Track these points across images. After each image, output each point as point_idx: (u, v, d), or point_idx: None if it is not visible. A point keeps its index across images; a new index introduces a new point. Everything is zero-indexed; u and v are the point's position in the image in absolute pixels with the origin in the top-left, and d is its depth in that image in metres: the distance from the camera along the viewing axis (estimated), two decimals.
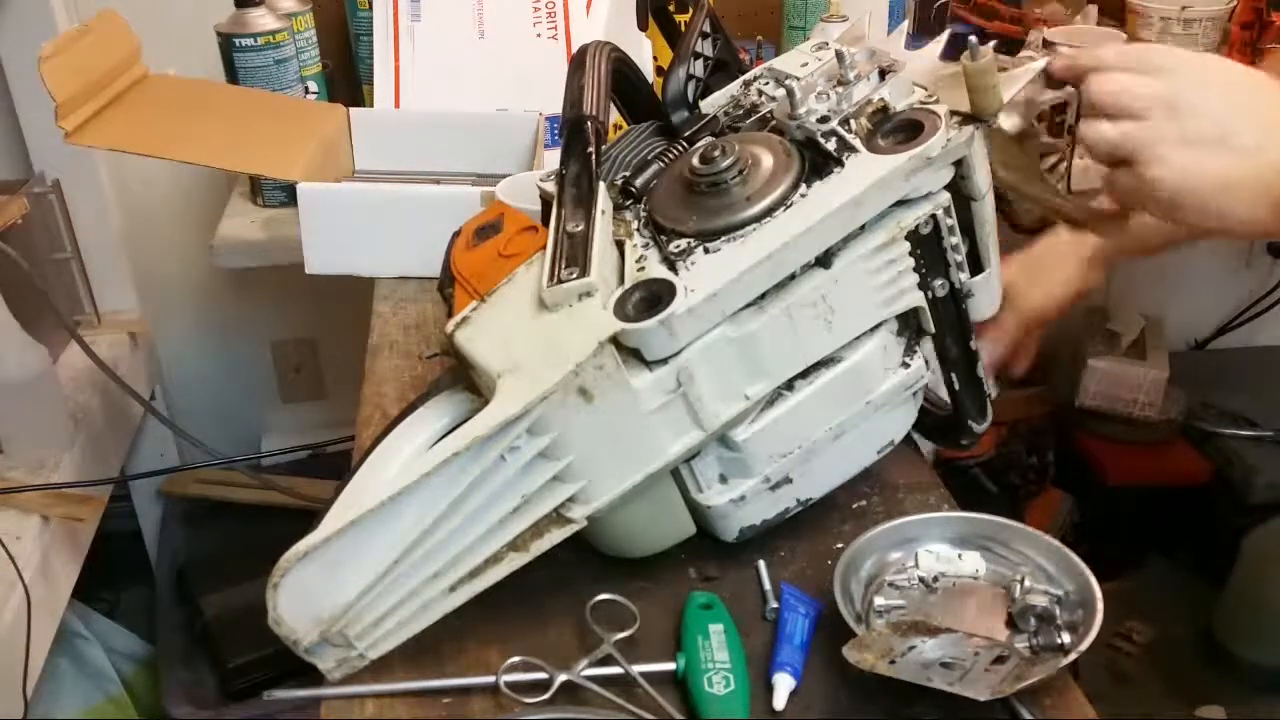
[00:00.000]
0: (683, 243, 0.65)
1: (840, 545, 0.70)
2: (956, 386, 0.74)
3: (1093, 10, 1.58)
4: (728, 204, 0.66)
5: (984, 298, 0.72)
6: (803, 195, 0.65)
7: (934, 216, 0.66)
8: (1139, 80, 0.63)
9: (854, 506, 0.77)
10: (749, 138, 0.71)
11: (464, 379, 0.69)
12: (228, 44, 1.33)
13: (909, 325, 0.71)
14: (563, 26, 1.37)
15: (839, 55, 0.68)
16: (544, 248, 0.68)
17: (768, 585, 0.70)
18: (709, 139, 0.72)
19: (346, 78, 1.58)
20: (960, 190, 0.68)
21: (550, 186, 0.73)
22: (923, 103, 0.67)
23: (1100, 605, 0.64)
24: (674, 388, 0.63)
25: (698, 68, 0.82)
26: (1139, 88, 0.63)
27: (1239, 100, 0.63)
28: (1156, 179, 0.62)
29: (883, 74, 0.68)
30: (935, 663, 0.61)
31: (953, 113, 0.66)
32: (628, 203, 0.72)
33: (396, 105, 1.37)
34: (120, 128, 1.11)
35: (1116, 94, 0.64)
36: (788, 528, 0.73)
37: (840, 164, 0.66)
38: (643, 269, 0.65)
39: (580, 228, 0.67)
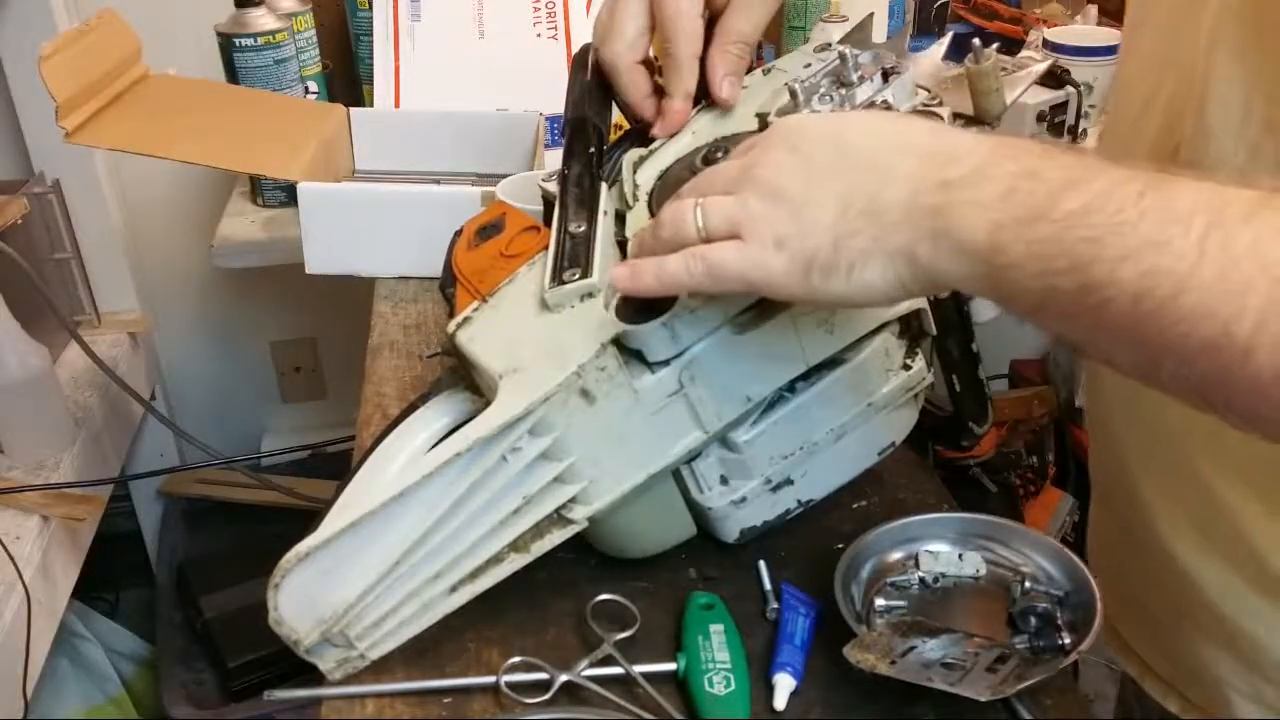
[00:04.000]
0: None
1: (841, 545, 0.70)
2: (958, 388, 0.74)
3: (1093, 10, 1.59)
4: None
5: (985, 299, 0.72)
6: None
7: None
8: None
9: (855, 506, 0.77)
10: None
11: (465, 379, 0.69)
12: (228, 44, 1.33)
13: (910, 327, 0.71)
14: (563, 26, 1.37)
15: (842, 57, 0.67)
16: (546, 248, 0.68)
17: (768, 585, 0.70)
18: (713, 141, 0.72)
19: (346, 78, 1.58)
20: None
21: (552, 187, 0.73)
22: (926, 105, 0.67)
23: (1100, 605, 0.64)
24: (676, 389, 0.63)
25: None
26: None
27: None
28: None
29: (886, 76, 0.68)
30: (935, 663, 0.61)
31: (955, 115, 0.66)
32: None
33: (396, 105, 1.37)
34: (120, 128, 1.11)
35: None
36: (789, 528, 0.73)
37: None
38: None
39: (582, 228, 0.67)
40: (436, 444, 0.65)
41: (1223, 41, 0.56)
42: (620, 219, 0.69)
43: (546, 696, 0.62)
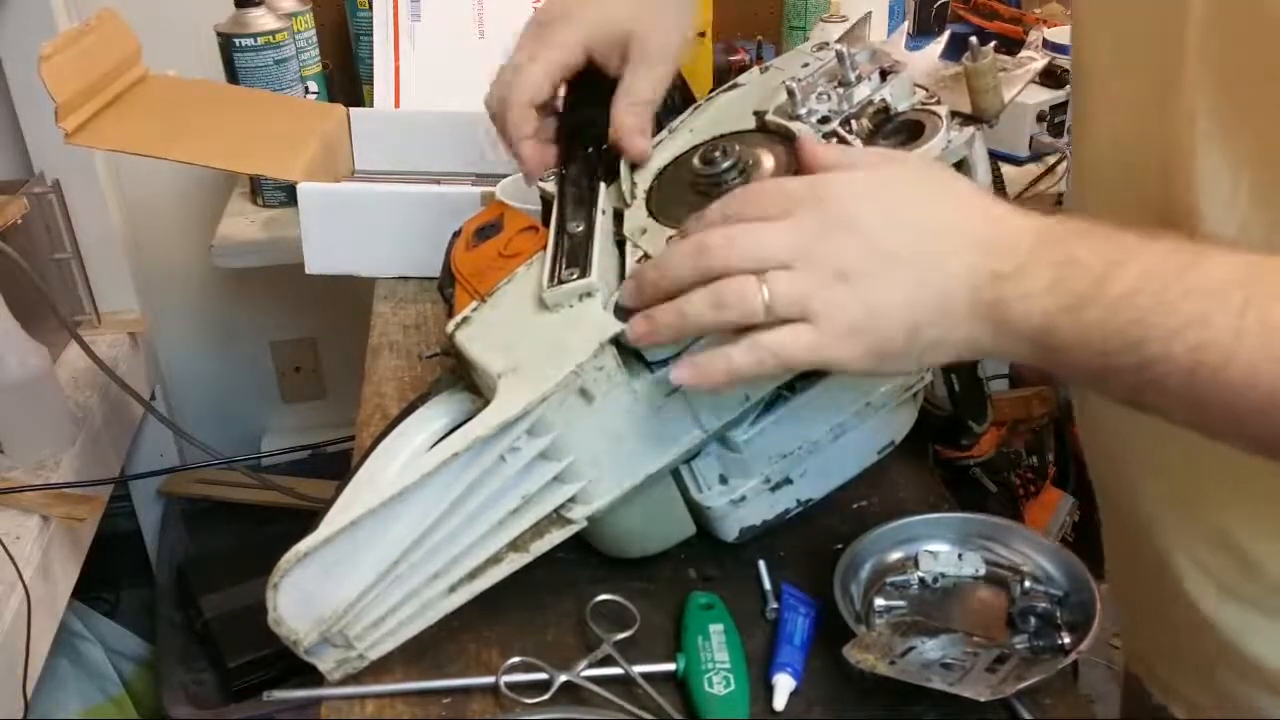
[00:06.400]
0: None
1: (840, 545, 0.70)
2: (957, 388, 0.74)
3: None
4: None
5: None
6: None
7: None
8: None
9: (854, 506, 0.77)
10: (751, 139, 0.71)
11: (464, 379, 0.69)
12: (228, 44, 1.33)
13: None
14: None
15: (840, 56, 0.67)
16: (544, 248, 0.68)
17: (768, 585, 0.70)
18: (711, 139, 0.72)
19: (346, 78, 1.58)
20: None
21: (551, 186, 0.73)
22: (924, 104, 0.67)
23: (1100, 605, 0.64)
24: (674, 388, 0.63)
25: None
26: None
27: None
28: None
29: (884, 74, 0.68)
30: (935, 663, 0.61)
31: (953, 113, 0.66)
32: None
33: (396, 105, 1.37)
34: (120, 128, 1.11)
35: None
36: (788, 528, 0.73)
37: None
38: None
39: (581, 228, 0.67)
40: (436, 444, 0.65)
41: (1203, 117, 0.55)
42: (619, 217, 0.69)
43: (546, 697, 0.62)
